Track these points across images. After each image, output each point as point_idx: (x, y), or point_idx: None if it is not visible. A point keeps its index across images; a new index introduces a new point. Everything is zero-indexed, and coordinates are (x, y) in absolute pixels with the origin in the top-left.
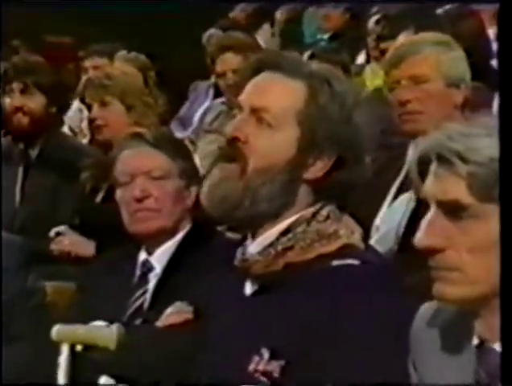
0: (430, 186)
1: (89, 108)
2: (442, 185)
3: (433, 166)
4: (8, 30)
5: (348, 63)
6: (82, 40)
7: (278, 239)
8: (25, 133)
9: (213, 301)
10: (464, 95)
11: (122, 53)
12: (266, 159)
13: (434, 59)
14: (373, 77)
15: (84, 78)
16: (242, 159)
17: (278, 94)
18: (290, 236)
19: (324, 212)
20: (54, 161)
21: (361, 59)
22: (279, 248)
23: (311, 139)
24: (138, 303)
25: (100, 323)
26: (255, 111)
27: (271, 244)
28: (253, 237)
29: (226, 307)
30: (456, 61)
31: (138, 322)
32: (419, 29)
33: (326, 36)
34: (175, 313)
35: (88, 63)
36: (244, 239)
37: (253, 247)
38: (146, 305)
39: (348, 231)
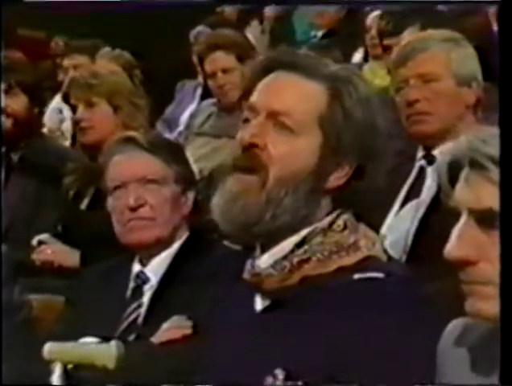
0: (461, 193)
1: (74, 108)
2: (475, 192)
3: (465, 172)
4: None
5: (344, 62)
6: (57, 35)
7: (292, 251)
8: (7, 136)
9: (217, 316)
10: (477, 94)
11: (106, 50)
12: (287, 167)
13: (444, 56)
14: (372, 77)
15: (68, 77)
16: (262, 168)
17: (298, 96)
18: (306, 247)
19: (340, 222)
20: (36, 165)
21: (357, 57)
22: (295, 260)
23: (334, 145)
24: (131, 318)
25: (91, 340)
26: (273, 115)
27: (285, 257)
28: (264, 249)
29: (232, 323)
30: (466, 59)
31: (131, 338)
32: (425, 25)
33: (319, 33)
34: (172, 328)
35: (67, 62)
36: (246, 249)
37: (265, 260)
38: (140, 319)
39: (368, 242)
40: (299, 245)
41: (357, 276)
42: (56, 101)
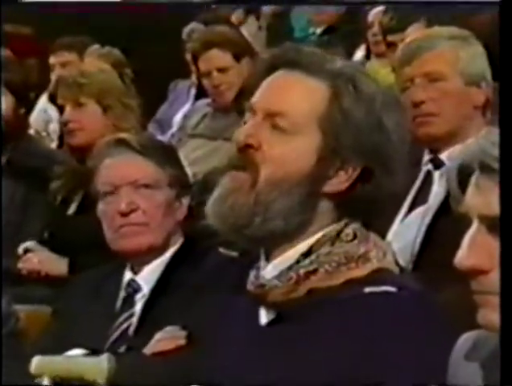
0: (472, 198)
1: (61, 109)
2: (486, 197)
3: (475, 176)
4: None
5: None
6: (44, 31)
7: (298, 261)
8: None
9: (215, 327)
10: (486, 95)
11: (95, 48)
12: (281, 169)
13: (451, 55)
14: (373, 76)
15: (55, 75)
16: (253, 168)
17: (297, 97)
18: (312, 257)
19: (349, 231)
20: (22, 168)
21: (359, 55)
22: (301, 272)
23: (333, 147)
24: (122, 328)
25: (81, 352)
26: (270, 116)
27: (291, 268)
28: (268, 258)
29: (233, 336)
30: (475, 58)
31: (122, 349)
32: (431, 22)
33: (318, 30)
34: (165, 339)
35: (54, 60)
36: (242, 256)
37: (270, 270)
38: (131, 330)
39: (379, 252)
40: (305, 255)
41: (367, 289)
42: (42, 101)
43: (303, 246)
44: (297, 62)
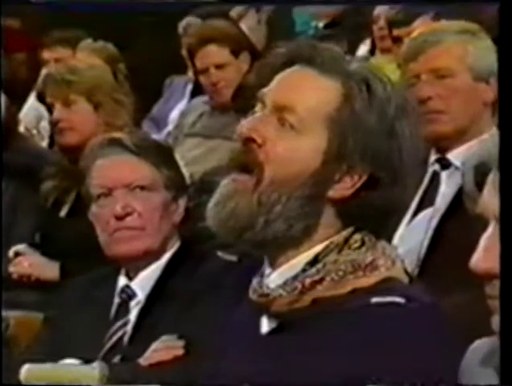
0: (489, 199)
1: (50, 108)
2: None
3: (492, 176)
4: None
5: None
6: (34, 25)
7: (304, 270)
8: None
9: (214, 336)
10: (495, 91)
11: (87, 42)
12: (283, 168)
13: (459, 50)
14: None
15: (43, 72)
16: (257, 167)
17: (308, 93)
18: (319, 266)
19: (357, 237)
20: (14, 169)
21: (363, 50)
22: (307, 281)
23: (340, 150)
24: (116, 337)
25: (73, 361)
26: (278, 110)
27: (296, 277)
28: (272, 266)
29: (233, 345)
30: (484, 52)
31: (116, 359)
32: (438, 15)
33: (321, 24)
34: (162, 348)
35: (48, 55)
36: (241, 260)
37: (274, 279)
38: (126, 339)
39: (388, 261)
40: (311, 264)
41: (374, 300)
42: (33, 97)
43: (309, 254)
44: (313, 59)
